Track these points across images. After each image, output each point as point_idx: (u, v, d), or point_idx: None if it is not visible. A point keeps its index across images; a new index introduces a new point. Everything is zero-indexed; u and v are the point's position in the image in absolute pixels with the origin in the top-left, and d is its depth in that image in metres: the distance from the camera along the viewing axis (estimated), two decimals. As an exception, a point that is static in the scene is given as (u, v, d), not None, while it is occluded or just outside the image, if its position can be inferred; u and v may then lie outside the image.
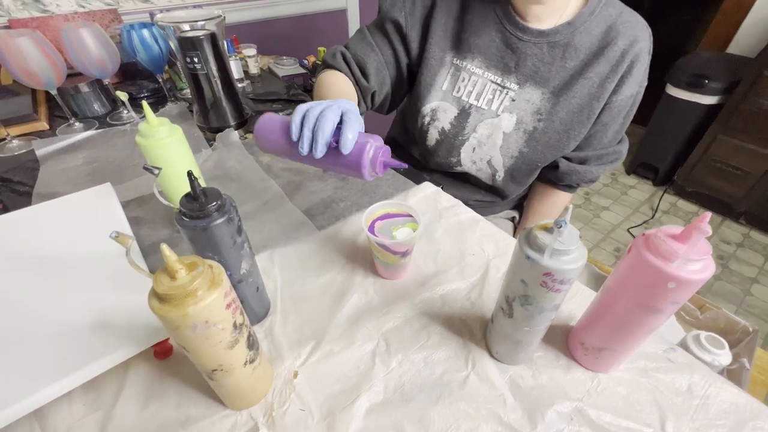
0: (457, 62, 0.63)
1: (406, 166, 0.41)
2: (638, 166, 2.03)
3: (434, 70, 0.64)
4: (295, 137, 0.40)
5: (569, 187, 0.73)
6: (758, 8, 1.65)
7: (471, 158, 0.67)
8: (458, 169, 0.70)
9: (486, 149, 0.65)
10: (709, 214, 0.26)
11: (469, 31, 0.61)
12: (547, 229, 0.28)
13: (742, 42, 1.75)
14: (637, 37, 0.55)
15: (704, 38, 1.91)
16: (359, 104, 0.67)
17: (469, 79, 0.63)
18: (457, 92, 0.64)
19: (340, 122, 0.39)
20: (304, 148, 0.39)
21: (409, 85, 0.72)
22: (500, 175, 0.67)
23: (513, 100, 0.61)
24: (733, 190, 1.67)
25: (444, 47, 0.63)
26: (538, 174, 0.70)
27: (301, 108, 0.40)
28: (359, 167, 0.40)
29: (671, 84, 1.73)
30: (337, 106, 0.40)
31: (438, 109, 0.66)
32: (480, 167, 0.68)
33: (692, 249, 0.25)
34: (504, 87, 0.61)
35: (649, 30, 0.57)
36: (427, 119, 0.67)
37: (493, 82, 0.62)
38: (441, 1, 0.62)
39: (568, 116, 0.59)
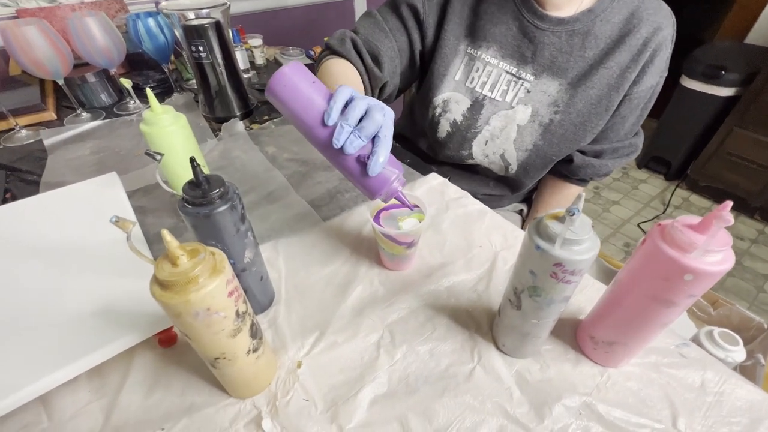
0: (472, 51, 0.61)
1: (411, 207, 0.41)
2: (650, 160, 1.99)
3: (447, 60, 0.61)
4: (330, 122, 0.36)
5: (582, 181, 0.71)
6: (779, -4, 1.59)
7: (483, 151, 0.66)
8: (469, 162, 0.68)
9: (499, 142, 0.63)
10: (730, 203, 0.24)
11: (485, 19, 0.59)
12: (558, 219, 0.27)
13: (761, 32, 1.70)
14: (661, 24, 0.53)
15: (722, 28, 1.85)
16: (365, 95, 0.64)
17: (483, 69, 0.60)
18: (471, 83, 0.62)
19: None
20: (339, 142, 0.35)
21: (418, 75, 0.69)
22: (513, 169, 0.66)
23: (528, 92, 0.59)
24: (749, 185, 1.63)
25: (458, 35, 0.61)
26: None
27: (344, 93, 0.36)
28: (373, 192, 0.38)
29: (686, 75, 1.68)
30: (382, 109, 0.36)
31: (450, 100, 0.63)
32: (492, 160, 0.66)
33: (712, 239, 0.24)
34: (519, 78, 0.59)
35: (674, 17, 0.55)
36: (438, 110, 0.65)
37: (508, 72, 0.59)
38: None
39: (586, 108, 0.57)
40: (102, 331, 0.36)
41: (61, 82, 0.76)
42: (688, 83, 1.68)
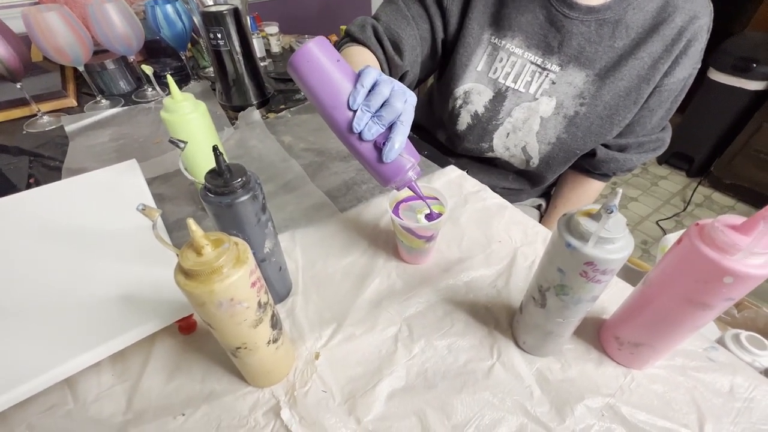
0: (495, 41, 0.59)
1: (424, 199, 0.40)
2: (671, 155, 1.93)
3: (470, 49, 0.60)
4: (354, 106, 0.34)
5: (604, 176, 0.69)
6: (820, -16, 1.50)
7: (504, 144, 0.64)
8: (489, 154, 0.67)
9: (521, 135, 0.61)
10: (779, 204, 0.23)
11: (511, 7, 0.56)
12: (592, 216, 0.26)
13: (798, 22, 1.61)
14: (697, 13, 0.50)
15: (754, 18, 1.76)
16: None
17: (507, 60, 0.59)
18: (494, 74, 0.60)
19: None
20: (359, 126, 0.35)
21: (439, 65, 0.67)
22: (534, 162, 0.64)
23: (553, 83, 0.57)
24: (776, 183, 1.57)
25: (482, 24, 0.59)
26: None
27: (371, 75, 0.35)
28: (385, 179, 0.37)
29: (714, 68, 1.61)
30: (404, 95, 0.35)
31: (471, 91, 0.62)
32: (513, 153, 0.64)
33: (758, 241, 0.23)
34: (544, 68, 0.57)
35: (711, 6, 0.52)
36: (459, 102, 0.63)
37: (533, 63, 0.57)
38: None
39: (614, 100, 0.55)
40: (124, 316, 0.37)
41: (81, 68, 0.76)
42: (716, 76, 1.61)
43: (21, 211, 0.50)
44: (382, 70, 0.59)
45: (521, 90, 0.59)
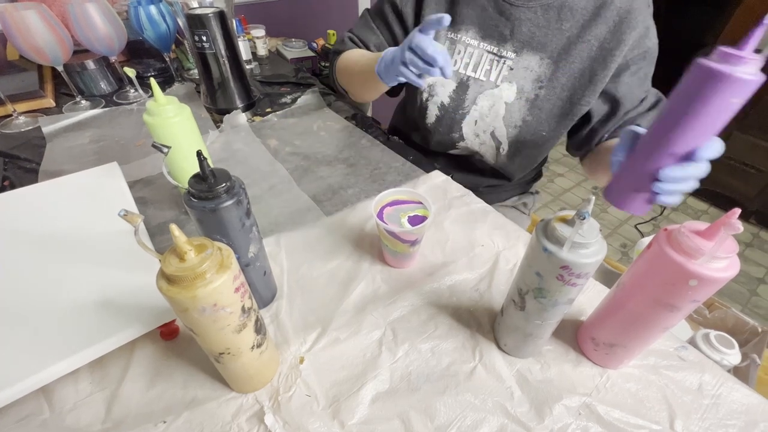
0: (452, 35, 0.62)
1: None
2: (649, 161, 2.00)
3: None
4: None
5: None
6: (784, 1, 1.59)
7: (474, 131, 0.67)
8: (461, 145, 0.69)
9: (489, 120, 0.64)
10: (738, 210, 0.24)
11: (462, 3, 0.60)
12: (567, 221, 0.27)
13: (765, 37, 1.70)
14: None
15: (723, 32, 1.85)
16: None
17: (465, 51, 0.62)
18: (454, 65, 0.63)
19: None
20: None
21: None
22: (504, 148, 0.66)
23: (511, 69, 0.60)
24: (746, 189, 1.65)
25: None
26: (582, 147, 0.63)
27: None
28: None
29: (688, 78, 1.68)
30: None
31: (435, 84, 0.66)
32: (483, 140, 0.67)
33: (719, 246, 0.24)
34: (501, 56, 0.60)
35: None
36: (425, 95, 0.67)
37: (489, 52, 0.61)
38: None
39: (570, 82, 0.58)
40: (103, 323, 0.36)
41: (60, 68, 0.74)
42: (690, 86, 1.68)
43: (-5, 214, 0.48)
44: None
45: (482, 78, 0.62)
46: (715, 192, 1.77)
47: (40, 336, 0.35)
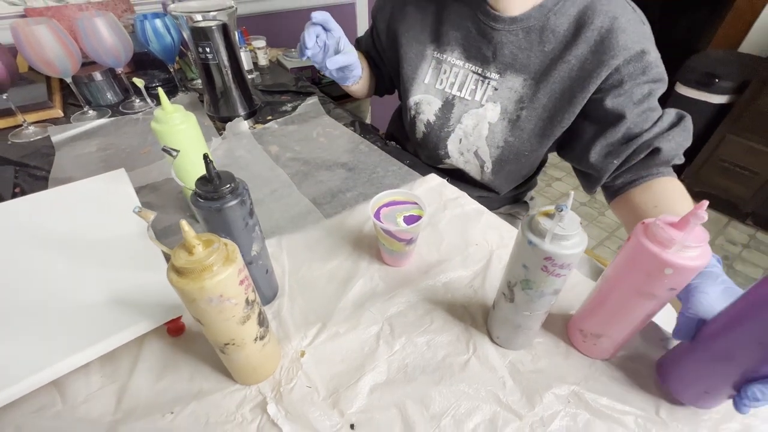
0: (438, 55, 0.65)
1: None
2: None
3: (414, 64, 0.67)
4: None
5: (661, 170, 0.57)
6: (772, 7, 1.63)
7: (458, 149, 0.69)
8: (447, 161, 0.71)
9: (473, 140, 0.66)
10: (706, 202, 0.26)
11: (447, 24, 0.63)
12: (549, 215, 0.29)
13: (755, 41, 1.73)
14: (616, 14, 0.52)
15: (716, 37, 1.89)
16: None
17: (450, 71, 0.64)
18: (440, 84, 0.66)
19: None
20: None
21: (389, 81, 0.81)
22: (488, 167, 0.68)
23: (495, 89, 0.61)
24: (741, 191, 1.66)
25: (423, 41, 0.66)
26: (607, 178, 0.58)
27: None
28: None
29: (681, 83, 1.71)
30: None
31: (422, 102, 0.68)
32: (467, 159, 0.69)
33: (689, 235, 0.26)
34: (485, 77, 0.62)
35: (631, 5, 0.54)
36: (412, 112, 0.70)
37: (474, 72, 0.63)
38: (413, 0, 0.67)
39: (551, 102, 0.58)
40: (112, 319, 0.38)
41: (69, 80, 0.77)
42: (683, 90, 1.71)
43: (7, 219, 0.50)
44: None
45: (467, 98, 0.64)
46: (711, 194, 1.79)
47: (52, 332, 0.37)
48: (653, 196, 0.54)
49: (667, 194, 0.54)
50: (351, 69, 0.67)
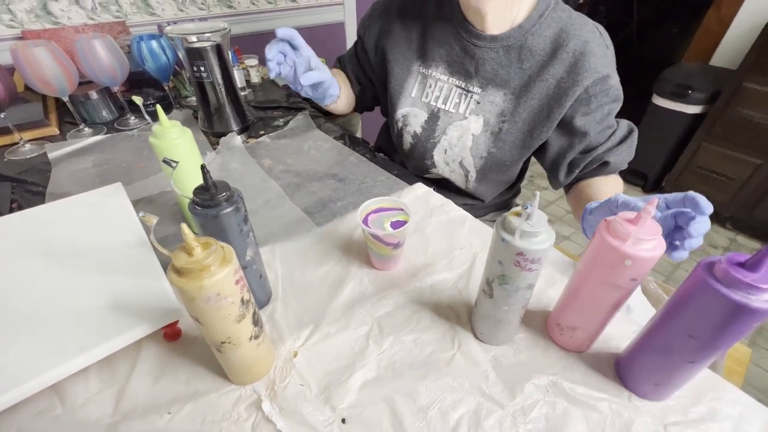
0: (424, 71, 0.70)
1: None
2: (628, 173, 2.09)
3: (401, 79, 0.71)
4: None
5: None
6: (737, 24, 1.73)
7: (444, 160, 0.72)
8: (433, 171, 0.75)
9: (457, 150, 0.70)
10: (656, 199, 0.29)
11: (432, 42, 0.68)
12: (519, 215, 0.32)
13: (724, 54, 1.83)
14: (587, 38, 0.57)
15: (688, 51, 1.99)
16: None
17: (435, 85, 0.69)
18: (426, 98, 0.70)
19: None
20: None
21: (371, 98, 0.86)
22: (472, 176, 0.72)
23: (478, 103, 0.66)
24: (720, 196, 1.72)
25: (410, 57, 0.70)
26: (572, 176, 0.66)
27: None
28: None
29: (657, 94, 1.79)
30: None
31: (409, 114, 0.72)
32: (453, 168, 0.73)
33: (641, 229, 0.29)
34: (468, 91, 0.66)
35: (599, 30, 0.59)
36: (400, 124, 0.74)
37: (457, 86, 0.67)
38: (399, 19, 0.71)
39: (530, 117, 0.63)
40: (110, 325, 0.39)
41: (65, 99, 0.79)
42: (659, 101, 1.79)
43: (6, 232, 0.52)
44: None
45: (452, 111, 0.68)
46: (692, 200, 1.85)
47: (51, 337, 0.38)
48: (596, 188, 0.65)
49: (608, 187, 0.65)
50: (326, 87, 0.68)
